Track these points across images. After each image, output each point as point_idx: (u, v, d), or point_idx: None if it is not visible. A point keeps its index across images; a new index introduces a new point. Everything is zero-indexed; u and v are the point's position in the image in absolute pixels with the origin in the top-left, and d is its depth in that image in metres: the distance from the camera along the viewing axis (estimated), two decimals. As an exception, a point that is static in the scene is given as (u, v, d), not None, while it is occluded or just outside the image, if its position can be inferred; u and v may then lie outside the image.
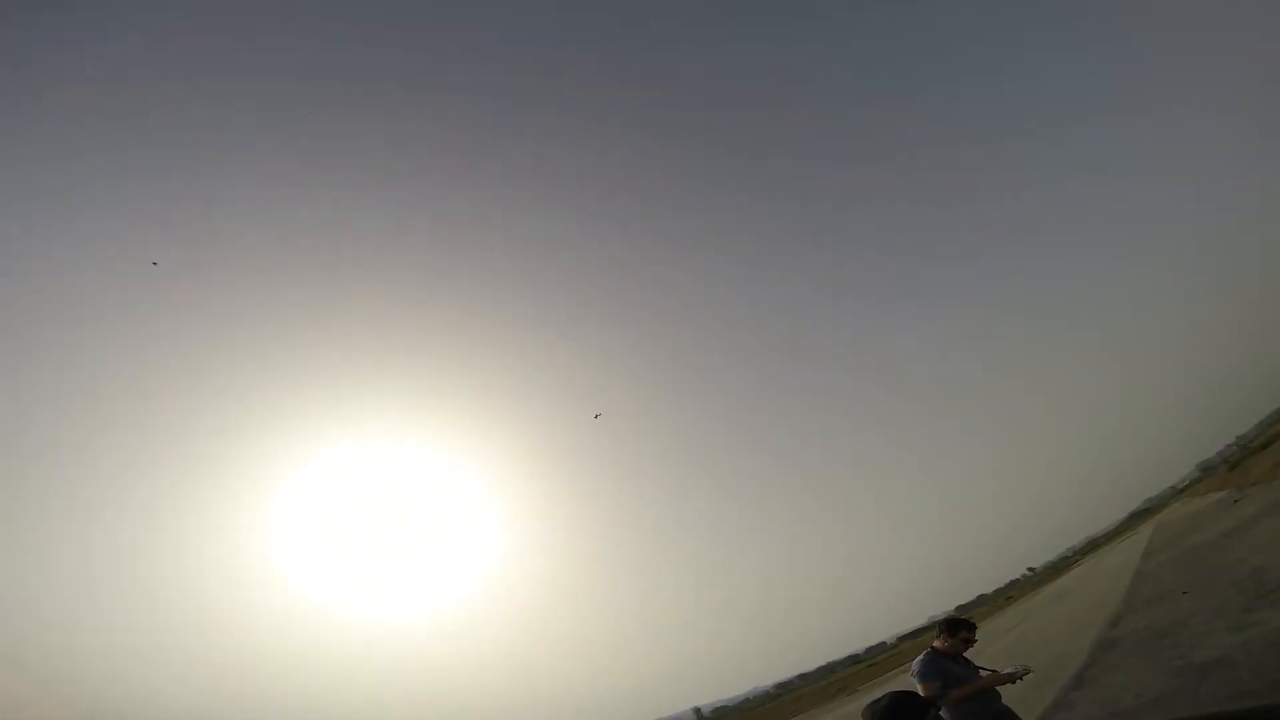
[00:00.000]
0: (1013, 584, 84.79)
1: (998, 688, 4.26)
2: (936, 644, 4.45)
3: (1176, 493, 74.17)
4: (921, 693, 4.00)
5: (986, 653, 4.50)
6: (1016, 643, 20.41)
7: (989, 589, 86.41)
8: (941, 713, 3.91)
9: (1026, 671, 4.20)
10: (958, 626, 4.47)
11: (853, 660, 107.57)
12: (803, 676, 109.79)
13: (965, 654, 4.45)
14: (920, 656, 4.38)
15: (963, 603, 74.58)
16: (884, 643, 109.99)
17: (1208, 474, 66.96)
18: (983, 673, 4.33)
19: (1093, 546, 78.34)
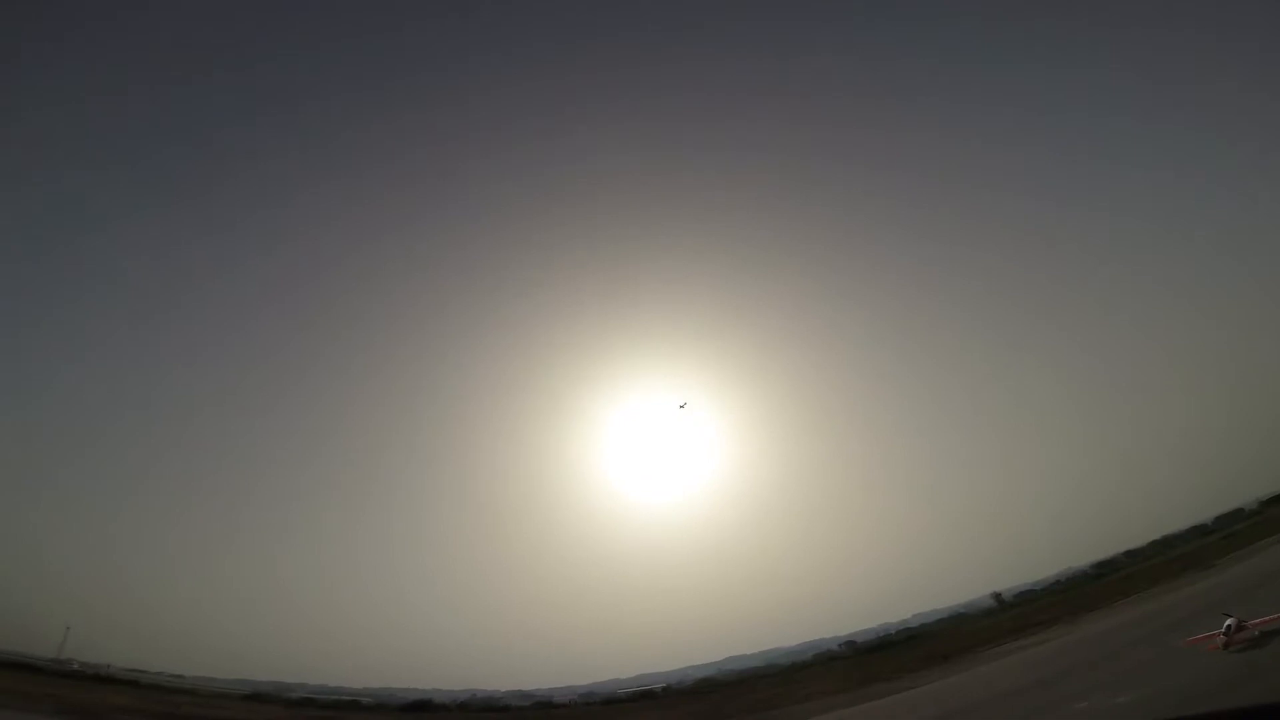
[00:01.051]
0: None
1: None
2: None
3: None
4: None
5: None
6: None
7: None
8: None
9: None
10: None
11: (1200, 532, 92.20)
12: (1130, 554, 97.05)
13: None
14: None
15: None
16: (1240, 509, 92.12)
17: None
18: None
19: None
